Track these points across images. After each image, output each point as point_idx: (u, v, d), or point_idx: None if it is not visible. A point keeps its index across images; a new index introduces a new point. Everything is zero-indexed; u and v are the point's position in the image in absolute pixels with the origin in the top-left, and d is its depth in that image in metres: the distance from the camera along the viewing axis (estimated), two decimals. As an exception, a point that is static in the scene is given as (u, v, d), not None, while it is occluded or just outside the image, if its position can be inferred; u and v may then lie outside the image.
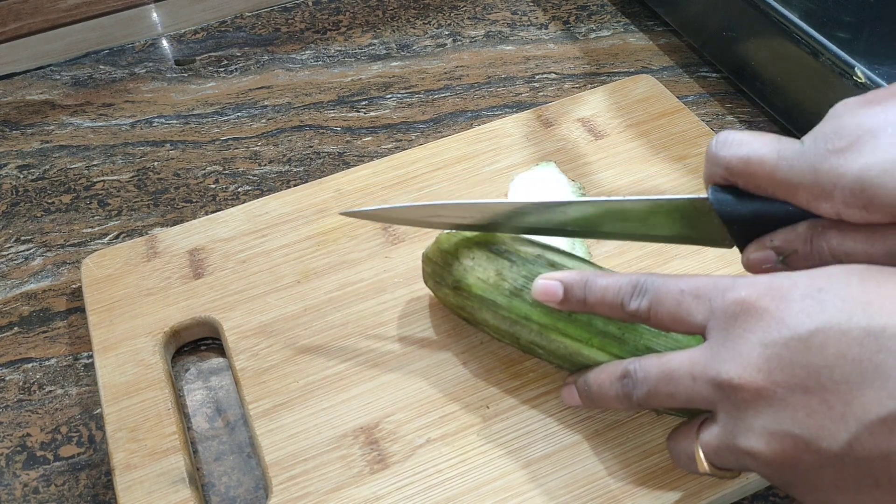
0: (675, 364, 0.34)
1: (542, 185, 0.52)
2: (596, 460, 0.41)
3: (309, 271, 0.50)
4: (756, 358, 0.31)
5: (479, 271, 0.42)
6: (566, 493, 0.40)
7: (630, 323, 0.39)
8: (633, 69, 0.65)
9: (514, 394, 0.44)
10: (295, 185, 0.57)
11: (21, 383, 0.48)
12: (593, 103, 0.59)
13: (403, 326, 0.47)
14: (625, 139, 0.57)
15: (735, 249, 0.39)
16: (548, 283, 0.38)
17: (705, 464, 0.34)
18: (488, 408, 0.43)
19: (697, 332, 0.35)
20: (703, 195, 0.38)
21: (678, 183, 0.53)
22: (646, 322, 0.36)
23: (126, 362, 0.46)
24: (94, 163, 0.61)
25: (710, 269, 0.48)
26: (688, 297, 0.34)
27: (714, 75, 0.65)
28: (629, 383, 0.36)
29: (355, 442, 0.42)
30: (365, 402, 0.44)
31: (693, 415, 0.37)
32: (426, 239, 0.51)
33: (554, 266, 0.41)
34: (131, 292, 0.49)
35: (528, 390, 0.44)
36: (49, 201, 0.58)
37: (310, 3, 0.74)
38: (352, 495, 0.40)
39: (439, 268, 0.44)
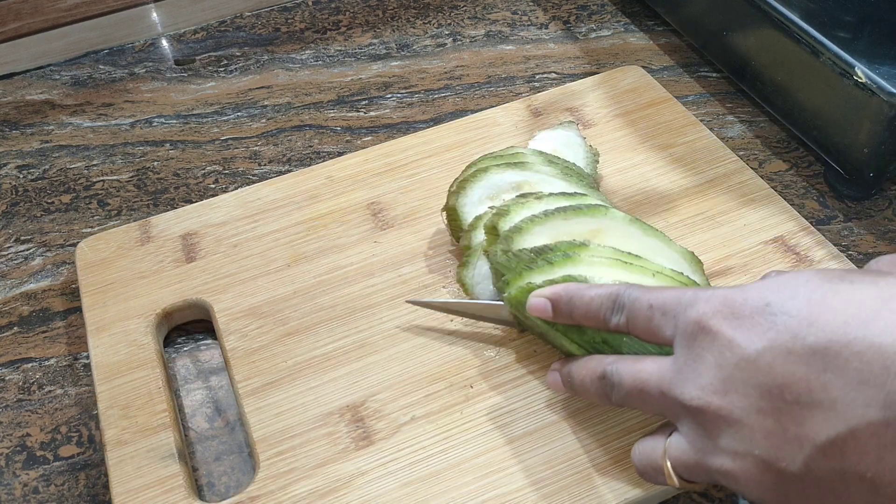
0: (646, 375, 0.35)
1: (561, 145, 0.53)
2: (576, 438, 0.42)
3: (299, 255, 0.51)
4: (712, 379, 0.32)
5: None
6: (547, 470, 0.40)
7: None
8: (633, 69, 0.65)
9: (497, 374, 0.44)
10: (295, 185, 0.57)
11: (21, 383, 0.48)
12: (582, 93, 0.60)
13: (390, 309, 0.48)
14: (613, 128, 0.57)
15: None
16: (537, 301, 0.40)
17: (675, 478, 0.35)
18: (472, 387, 0.44)
19: (669, 345, 0.35)
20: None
21: (664, 171, 0.54)
22: (629, 334, 0.37)
23: (119, 342, 0.47)
24: (94, 163, 0.61)
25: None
26: (656, 313, 0.35)
27: (714, 75, 0.65)
28: (607, 384, 0.37)
29: (341, 419, 0.43)
30: (351, 381, 0.44)
31: None
32: (414, 225, 0.52)
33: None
34: (125, 275, 0.50)
35: (511, 371, 0.44)
36: (49, 201, 0.58)
37: (310, 3, 0.74)
38: (337, 470, 0.41)
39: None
